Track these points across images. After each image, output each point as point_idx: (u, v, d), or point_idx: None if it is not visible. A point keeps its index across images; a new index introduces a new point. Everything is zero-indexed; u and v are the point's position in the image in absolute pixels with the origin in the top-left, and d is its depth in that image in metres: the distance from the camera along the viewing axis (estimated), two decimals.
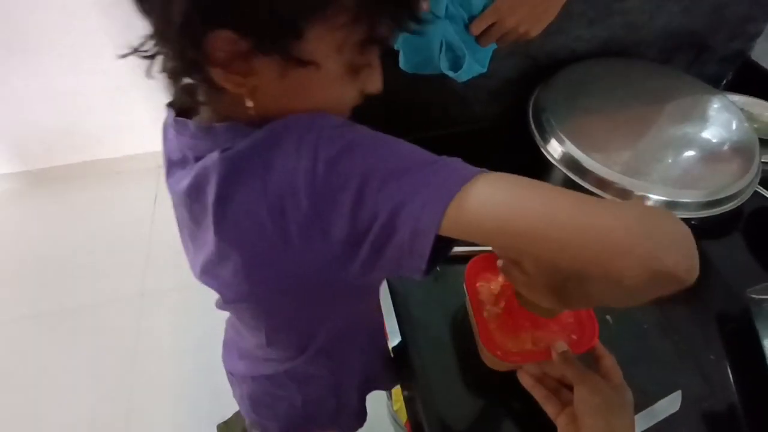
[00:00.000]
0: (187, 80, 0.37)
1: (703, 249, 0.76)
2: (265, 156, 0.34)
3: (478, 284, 0.59)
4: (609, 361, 0.49)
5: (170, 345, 1.53)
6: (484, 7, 0.60)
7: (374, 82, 0.39)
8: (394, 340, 0.63)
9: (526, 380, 0.49)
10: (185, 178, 0.39)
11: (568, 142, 0.67)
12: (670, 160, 0.67)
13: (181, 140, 0.40)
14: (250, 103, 0.35)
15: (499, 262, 0.47)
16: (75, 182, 2.02)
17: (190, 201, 0.39)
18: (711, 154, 0.68)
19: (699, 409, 0.56)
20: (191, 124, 0.39)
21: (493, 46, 0.64)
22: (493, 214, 0.31)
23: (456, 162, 0.34)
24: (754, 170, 0.67)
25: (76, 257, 1.78)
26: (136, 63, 0.37)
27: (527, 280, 0.44)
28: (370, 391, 0.73)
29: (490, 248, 0.68)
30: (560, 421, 0.45)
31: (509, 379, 0.51)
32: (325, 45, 0.33)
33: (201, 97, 0.38)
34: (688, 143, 0.69)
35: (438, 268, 0.67)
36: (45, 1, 1.52)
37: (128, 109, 1.88)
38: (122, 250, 1.78)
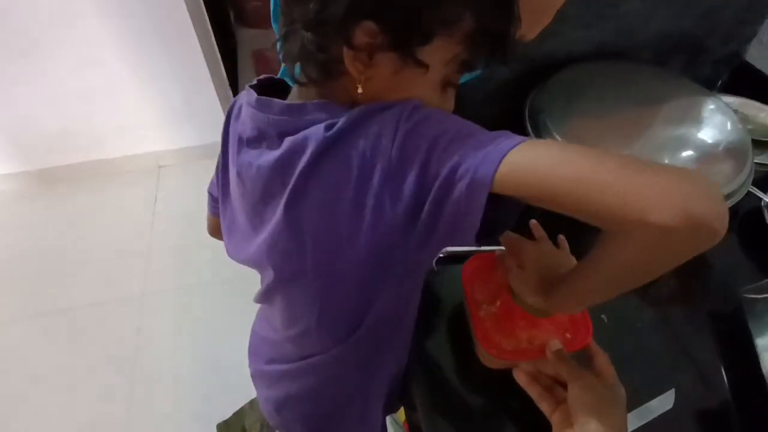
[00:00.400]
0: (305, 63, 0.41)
1: None
2: (357, 131, 0.39)
3: (475, 283, 0.60)
4: (602, 359, 0.50)
5: (170, 345, 1.53)
6: None
7: (449, 102, 0.45)
8: None
9: (521, 378, 0.50)
10: (271, 152, 0.42)
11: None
12: (664, 161, 0.68)
13: (261, 118, 0.43)
14: (360, 90, 0.40)
15: (499, 253, 0.51)
16: (75, 183, 2.03)
17: (272, 174, 0.43)
18: (705, 155, 0.69)
19: (692, 406, 0.57)
20: (276, 102, 0.43)
21: None
22: (540, 171, 0.34)
23: (510, 134, 0.37)
24: (747, 171, 0.67)
25: (77, 257, 1.79)
26: (138, 63, 0.39)
27: (522, 275, 0.48)
28: (392, 410, 0.73)
29: (488, 248, 0.69)
30: (555, 419, 0.46)
31: (505, 376, 0.52)
32: (439, 55, 0.39)
33: (314, 76, 0.41)
34: (682, 144, 0.70)
35: (435, 267, 0.68)
36: (46, 4, 1.53)
37: (129, 110, 1.89)
38: (122, 250, 1.79)
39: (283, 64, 0.79)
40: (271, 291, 0.52)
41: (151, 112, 1.91)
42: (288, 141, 0.41)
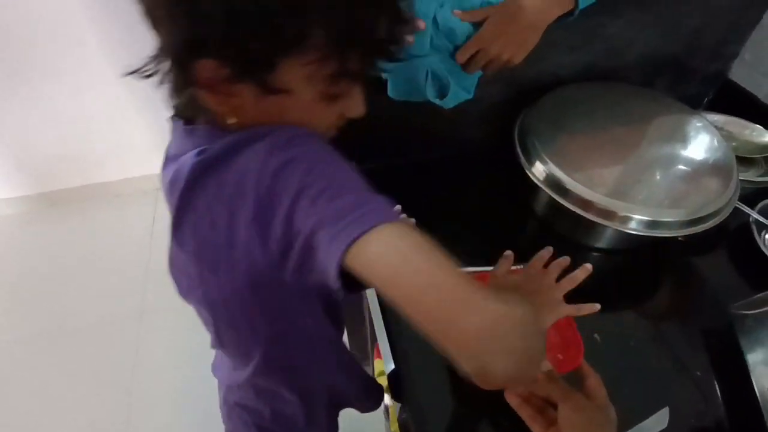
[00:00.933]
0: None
1: (689, 265, 0.78)
2: (227, 160, 0.39)
3: None
4: (594, 380, 0.50)
5: (169, 364, 1.53)
6: (468, 37, 0.63)
7: (354, 108, 0.43)
8: (388, 364, 0.63)
9: (512, 399, 0.50)
10: (170, 173, 0.44)
11: (552, 164, 0.69)
12: (651, 181, 0.69)
13: (175, 138, 0.46)
14: (232, 120, 0.40)
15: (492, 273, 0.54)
16: (75, 205, 2.04)
17: (166, 195, 0.44)
18: (690, 174, 0.70)
19: (687, 425, 0.57)
20: (177, 124, 0.45)
21: (479, 73, 0.67)
22: (381, 270, 0.33)
23: (378, 203, 0.35)
24: (733, 187, 0.69)
25: (76, 278, 1.79)
26: (136, 87, 0.41)
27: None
28: (341, 409, 0.75)
29: (477, 269, 0.70)
30: None
31: (496, 398, 0.52)
32: (295, 76, 0.37)
33: (181, 110, 0.43)
34: (668, 164, 0.72)
35: None
36: (46, 29, 1.56)
37: (127, 133, 1.91)
38: (121, 270, 1.80)
39: None
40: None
41: (149, 135, 1.93)
42: (175, 164, 0.43)
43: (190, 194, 0.40)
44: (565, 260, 0.57)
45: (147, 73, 0.38)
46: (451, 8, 0.61)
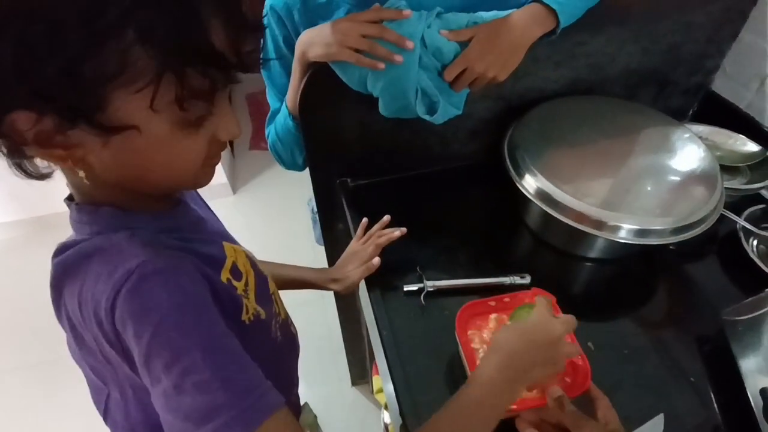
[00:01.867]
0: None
1: (681, 272, 0.79)
2: (81, 272, 0.37)
3: (469, 332, 0.60)
4: (604, 403, 0.50)
5: None
6: (455, 56, 0.65)
7: (226, 129, 0.38)
8: (386, 383, 0.63)
9: (523, 428, 0.50)
10: None
11: (541, 177, 0.71)
12: (639, 191, 0.71)
13: None
14: (82, 174, 0.35)
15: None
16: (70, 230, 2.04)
17: None
18: (677, 183, 0.72)
19: (683, 431, 0.57)
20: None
21: (467, 90, 0.69)
22: None
23: (247, 401, 0.35)
24: (718, 195, 0.70)
25: None
26: None
27: None
28: None
29: (474, 282, 0.71)
30: None
31: (507, 426, 0.51)
32: (134, 108, 0.32)
33: (29, 175, 0.37)
34: (656, 174, 0.73)
35: (423, 302, 0.69)
36: None
37: None
38: None
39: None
40: None
41: None
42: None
43: (55, 292, 0.41)
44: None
45: None
46: (439, 28, 0.64)
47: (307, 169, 0.87)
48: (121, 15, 0.28)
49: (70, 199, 0.42)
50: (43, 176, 0.37)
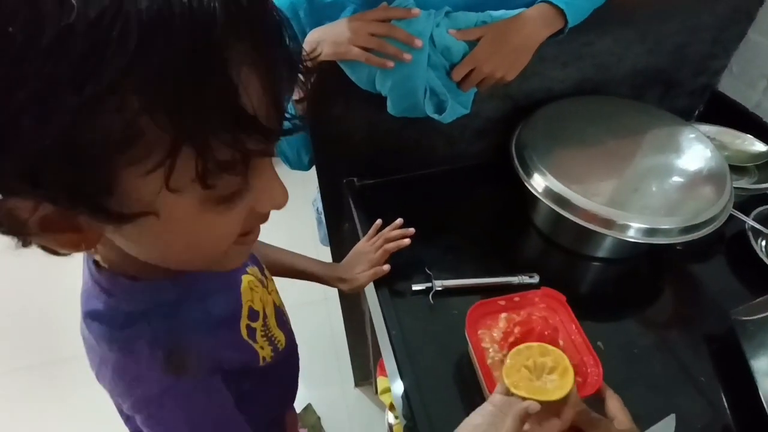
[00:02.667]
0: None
1: (689, 272, 0.79)
2: (94, 350, 0.38)
3: (479, 332, 0.60)
4: (616, 402, 0.49)
5: None
6: (464, 55, 0.65)
7: (268, 200, 0.31)
8: (394, 382, 0.63)
9: None
10: None
11: (550, 176, 0.71)
12: (647, 190, 0.70)
13: None
14: (97, 257, 0.32)
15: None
16: None
17: None
18: (685, 183, 0.72)
19: (694, 431, 0.57)
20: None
21: (475, 89, 0.69)
22: None
23: None
24: (727, 195, 0.70)
25: (73, 306, 1.77)
26: None
27: None
28: None
29: (483, 281, 0.70)
30: None
31: None
32: (149, 190, 0.25)
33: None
34: (664, 173, 0.73)
35: (432, 301, 0.69)
36: None
37: None
38: None
39: None
40: None
41: None
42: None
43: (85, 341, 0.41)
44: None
45: None
46: (447, 27, 0.64)
47: (311, 171, 0.87)
48: (119, 74, 0.21)
49: None
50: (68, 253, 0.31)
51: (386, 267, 0.70)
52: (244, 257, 0.37)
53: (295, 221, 2.07)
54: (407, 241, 0.71)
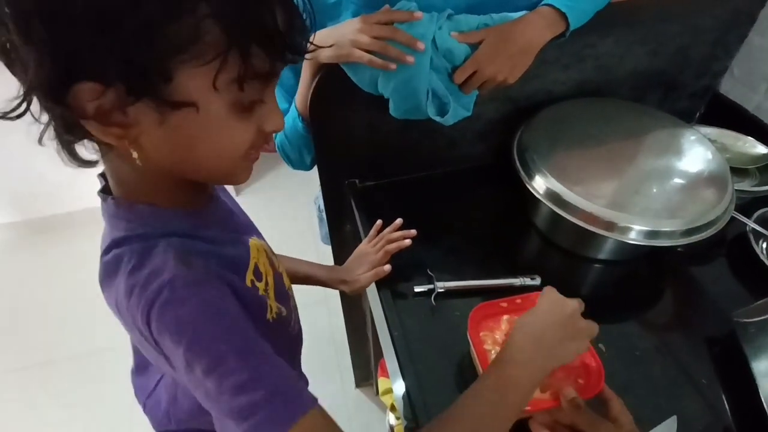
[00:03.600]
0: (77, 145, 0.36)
1: (690, 274, 0.79)
2: (116, 282, 0.39)
3: (481, 333, 0.60)
4: (617, 404, 0.50)
5: None
6: (466, 58, 0.65)
7: (272, 120, 0.39)
8: (396, 382, 0.63)
9: (537, 429, 0.49)
10: None
11: (551, 178, 0.71)
12: (649, 192, 0.71)
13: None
14: (135, 155, 0.35)
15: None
16: (68, 231, 2.03)
17: None
18: (687, 185, 0.72)
19: None
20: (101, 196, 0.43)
21: (476, 92, 0.69)
22: None
23: (281, 398, 0.36)
24: (728, 197, 0.70)
25: (71, 306, 1.78)
26: None
27: None
28: None
29: (485, 283, 0.71)
30: None
31: (521, 428, 0.50)
32: (197, 84, 0.32)
33: (95, 157, 0.38)
34: (665, 175, 0.73)
35: (434, 302, 0.69)
36: None
37: None
38: None
39: None
40: None
41: None
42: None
43: (102, 290, 0.42)
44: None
45: (16, 114, 0.32)
46: (449, 30, 0.64)
47: (313, 171, 0.87)
48: None
49: (103, 191, 0.42)
50: (89, 163, 0.37)
51: (387, 267, 0.70)
52: (248, 173, 0.43)
53: (295, 222, 2.08)
54: (408, 242, 0.71)
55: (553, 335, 0.47)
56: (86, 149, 0.37)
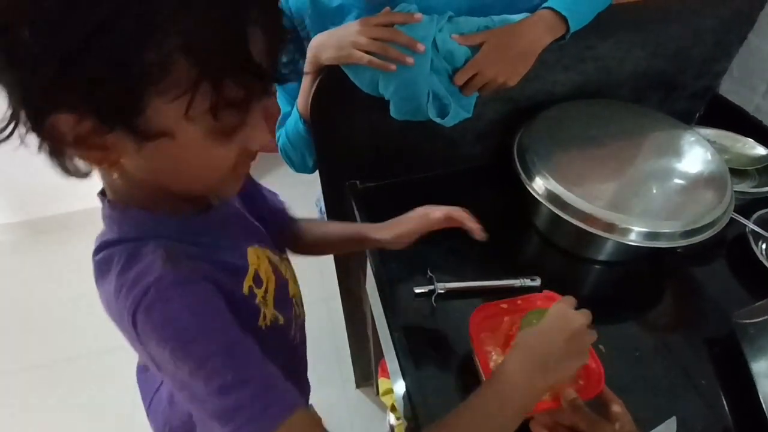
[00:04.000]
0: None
1: (690, 275, 0.79)
2: (106, 282, 0.39)
3: (482, 334, 0.60)
4: (618, 405, 0.50)
5: None
6: (466, 60, 0.66)
7: (256, 138, 0.38)
8: (397, 383, 0.63)
9: (538, 431, 0.50)
10: None
11: (551, 179, 0.71)
12: (648, 193, 0.71)
13: None
14: (115, 175, 0.36)
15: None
16: (68, 232, 2.03)
17: None
18: (686, 186, 0.72)
19: None
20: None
21: (476, 94, 0.69)
22: None
23: (265, 399, 0.36)
24: (728, 199, 0.70)
25: (72, 307, 1.77)
26: None
27: None
28: None
29: (482, 284, 0.71)
30: None
31: (521, 429, 0.49)
32: (171, 115, 0.32)
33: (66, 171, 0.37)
34: (665, 177, 0.73)
35: (434, 303, 0.70)
36: None
37: None
38: None
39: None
40: None
41: None
42: None
43: (97, 284, 0.42)
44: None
45: (4, 136, 0.32)
46: (450, 32, 0.64)
47: (314, 172, 0.88)
48: (168, 19, 0.28)
49: (102, 194, 0.43)
50: (84, 174, 0.37)
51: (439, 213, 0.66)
52: (238, 187, 0.43)
53: None
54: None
55: (556, 354, 0.46)
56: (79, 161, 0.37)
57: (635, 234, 0.67)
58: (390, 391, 1.10)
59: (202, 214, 0.46)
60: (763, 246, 0.78)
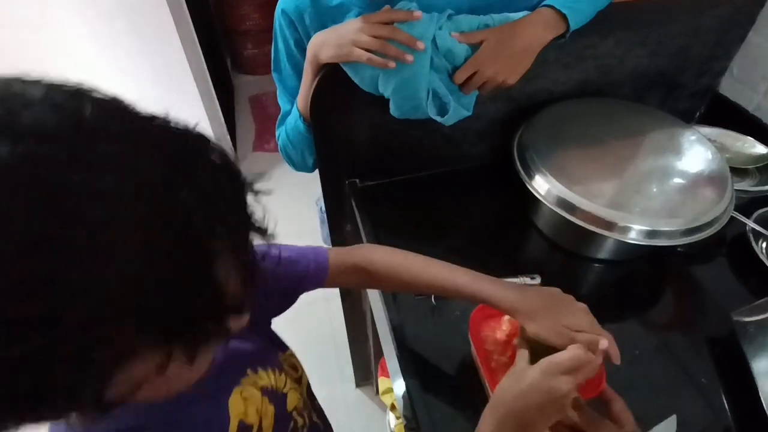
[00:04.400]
0: None
1: (690, 274, 0.79)
2: None
3: (482, 334, 0.60)
4: (619, 404, 0.50)
5: None
6: (466, 58, 0.66)
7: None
8: (397, 382, 0.63)
9: None
10: None
11: (551, 178, 0.71)
12: (649, 192, 0.71)
13: None
14: None
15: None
16: None
17: None
18: (687, 185, 0.72)
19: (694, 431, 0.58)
20: None
21: (476, 92, 0.69)
22: None
23: None
24: (728, 197, 0.70)
25: None
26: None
27: None
28: None
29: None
30: None
31: None
32: (140, 377, 0.29)
33: None
34: (665, 175, 0.73)
35: (434, 302, 0.70)
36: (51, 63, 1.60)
37: None
38: None
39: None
40: None
41: None
42: None
43: None
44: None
45: None
46: (450, 30, 0.64)
47: (314, 171, 0.87)
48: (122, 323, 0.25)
49: None
50: None
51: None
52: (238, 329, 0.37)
53: (297, 223, 2.08)
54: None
55: (533, 416, 0.44)
56: None
57: (635, 232, 0.67)
58: (390, 390, 1.10)
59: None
60: (764, 245, 0.78)
